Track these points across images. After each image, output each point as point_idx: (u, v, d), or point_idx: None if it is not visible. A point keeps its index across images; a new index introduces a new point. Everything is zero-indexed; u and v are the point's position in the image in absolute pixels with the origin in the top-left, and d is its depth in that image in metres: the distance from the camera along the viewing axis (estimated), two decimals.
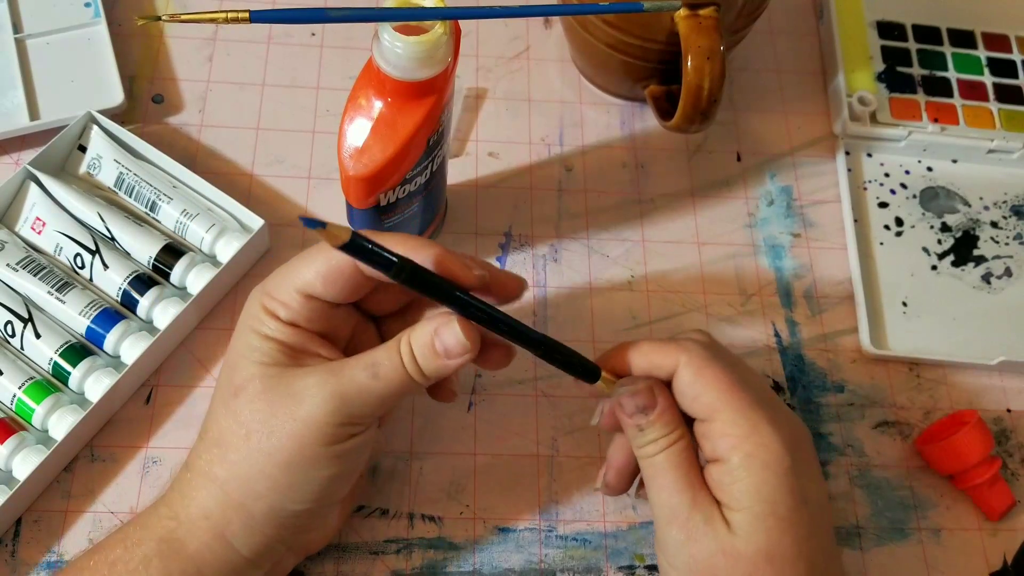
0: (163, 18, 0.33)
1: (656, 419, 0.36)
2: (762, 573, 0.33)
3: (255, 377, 0.34)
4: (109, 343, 0.43)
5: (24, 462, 0.40)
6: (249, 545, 0.35)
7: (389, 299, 0.38)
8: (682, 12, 0.44)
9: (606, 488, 0.39)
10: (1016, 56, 0.58)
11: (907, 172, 0.55)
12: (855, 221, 0.52)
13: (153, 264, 0.46)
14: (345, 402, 0.33)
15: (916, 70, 0.57)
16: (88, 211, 0.46)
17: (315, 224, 0.28)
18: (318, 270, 0.34)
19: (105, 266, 0.45)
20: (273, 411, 0.33)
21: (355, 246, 0.29)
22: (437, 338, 0.33)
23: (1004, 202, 0.54)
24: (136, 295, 0.44)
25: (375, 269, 0.31)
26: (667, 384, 0.37)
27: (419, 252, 0.33)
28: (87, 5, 0.53)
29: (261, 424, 0.34)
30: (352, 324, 0.38)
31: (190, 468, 0.35)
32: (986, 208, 0.54)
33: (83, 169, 0.48)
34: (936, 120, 0.55)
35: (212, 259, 0.47)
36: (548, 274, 0.49)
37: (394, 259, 0.30)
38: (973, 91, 0.56)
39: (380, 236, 0.33)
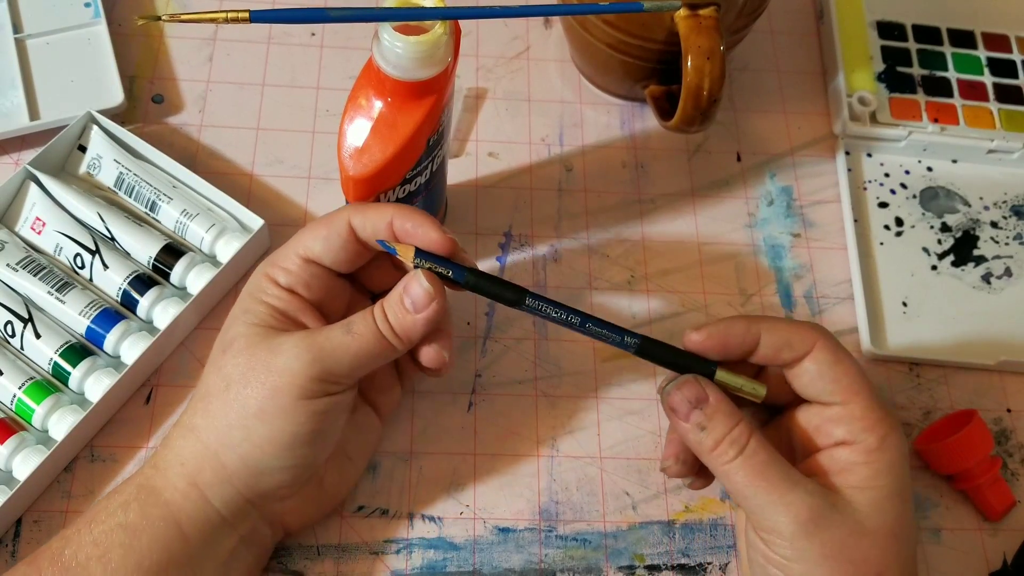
0: (163, 18, 0.33)
1: (714, 412, 0.35)
2: (890, 550, 0.34)
3: (242, 335, 0.36)
4: (109, 343, 0.43)
5: (24, 462, 0.40)
6: (221, 498, 0.35)
7: (384, 275, 0.40)
8: (682, 12, 0.44)
9: (671, 470, 0.39)
10: (1016, 56, 0.58)
11: (907, 172, 0.55)
12: (855, 221, 0.52)
13: (153, 264, 0.46)
14: (320, 356, 0.35)
15: (916, 70, 0.57)
16: (88, 211, 0.46)
17: (390, 248, 0.36)
18: (317, 234, 0.37)
19: (105, 266, 0.45)
20: (252, 364, 0.35)
21: (424, 256, 0.36)
22: (405, 294, 0.36)
23: (1004, 202, 0.54)
24: (136, 295, 0.44)
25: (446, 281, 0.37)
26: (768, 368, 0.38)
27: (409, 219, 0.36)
28: (87, 5, 0.53)
29: (240, 376, 0.35)
30: (347, 299, 0.40)
31: (176, 423, 0.37)
32: (986, 208, 0.54)
33: (83, 169, 0.48)
34: (936, 120, 0.55)
35: (212, 259, 0.47)
36: (548, 274, 0.49)
37: (459, 269, 0.36)
38: (973, 91, 0.56)
39: (372, 205, 0.37)
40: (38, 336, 0.43)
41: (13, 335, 0.43)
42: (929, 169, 0.55)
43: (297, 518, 0.39)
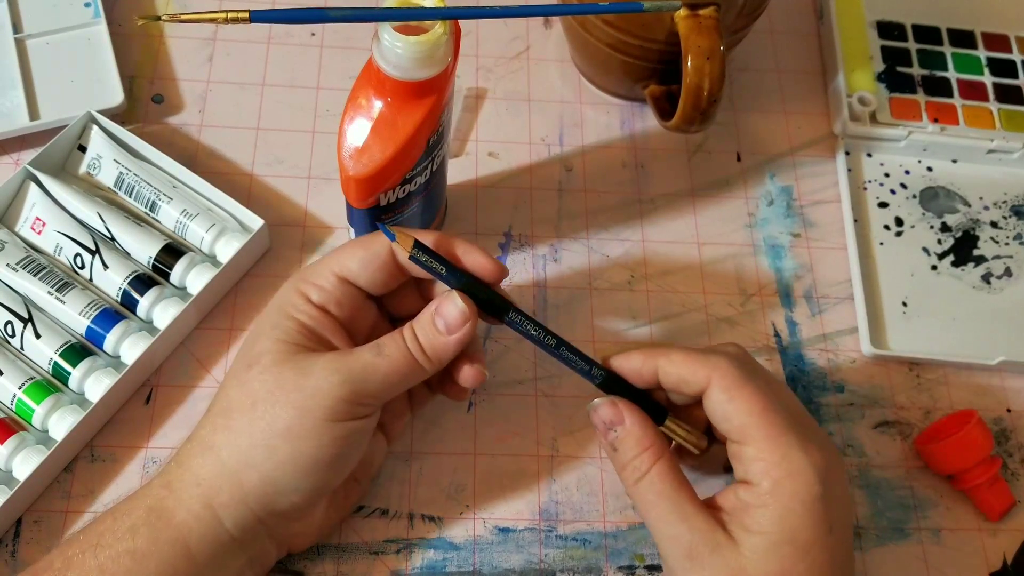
0: (163, 18, 0.33)
1: (626, 436, 0.36)
2: None
3: (269, 351, 0.36)
4: (109, 343, 0.43)
5: (24, 462, 0.40)
6: (235, 519, 0.35)
7: (409, 300, 0.40)
8: (682, 12, 0.44)
9: None
10: (1016, 56, 0.58)
11: (907, 172, 0.55)
12: (855, 221, 0.52)
13: (153, 264, 0.46)
14: (351, 377, 0.34)
15: (916, 70, 0.57)
16: (88, 211, 0.46)
17: (389, 233, 0.35)
18: (355, 254, 0.37)
19: (105, 266, 0.45)
20: (280, 382, 0.35)
21: (423, 249, 0.36)
22: (437, 315, 0.36)
23: (1004, 202, 0.54)
24: (136, 295, 0.44)
25: (437, 278, 0.36)
26: (698, 400, 0.37)
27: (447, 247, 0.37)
28: (87, 5, 0.53)
29: (268, 394, 0.35)
30: (371, 322, 0.39)
31: (192, 438, 0.36)
32: (986, 208, 0.54)
33: (83, 169, 0.48)
34: (936, 120, 0.55)
35: (212, 259, 0.47)
36: (548, 274, 0.49)
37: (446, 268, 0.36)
38: (973, 91, 0.56)
39: (418, 231, 0.37)
40: (38, 336, 0.43)
41: (13, 335, 0.43)
42: (929, 169, 0.55)
43: (301, 538, 0.39)
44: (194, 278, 0.45)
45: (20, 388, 0.42)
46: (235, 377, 0.36)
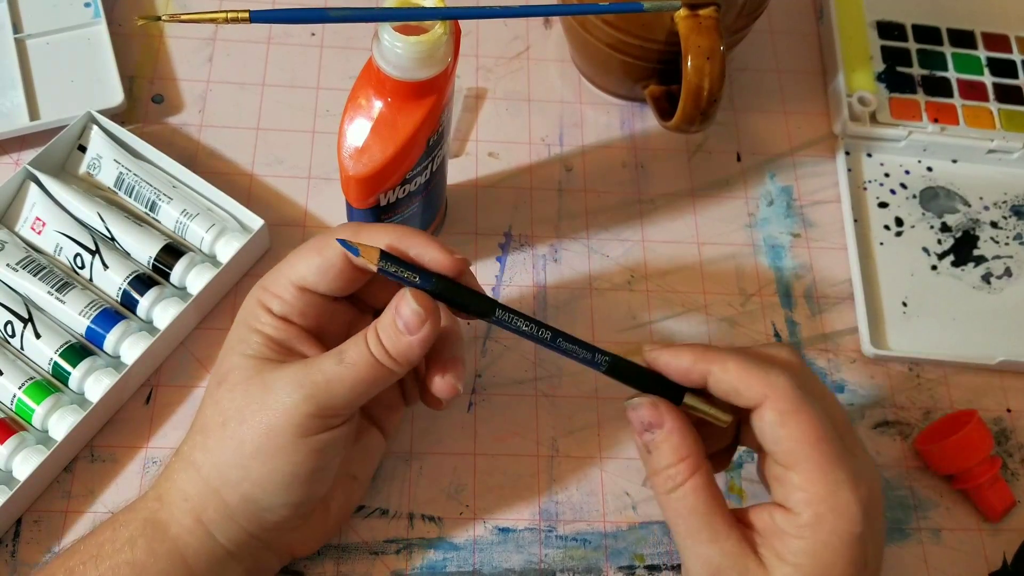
0: (163, 18, 0.33)
1: (663, 441, 0.34)
2: None
3: (237, 368, 0.35)
4: (109, 343, 0.43)
5: (24, 462, 0.40)
6: (226, 533, 0.35)
7: (386, 291, 0.38)
8: (682, 12, 0.44)
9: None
10: (1016, 56, 0.58)
11: (907, 172, 0.55)
12: (855, 221, 0.52)
13: (153, 264, 0.46)
14: (315, 391, 0.33)
15: (916, 70, 0.57)
16: (88, 211, 0.46)
17: (352, 248, 0.33)
18: (311, 262, 0.35)
19: (105, 266, 0.45)
20: (247, 400, 0.34)
21: (390, 259, 0.34)
22: (397, 316, 0.34)
23: (1004, 202, 0.54)
24: (136, 295, 0.44)
25: (405, 284, 0.34)
26: (742, 410, 0.35)
27: (402, 239, 0.35)
28: (87, 5, 0.53)
29: (236, 412, 0.34)
30: (347, 320, 0.38)
31: (177, 453, 0.36)
32: (986, 208, 0.54)
33: (83, 169, 0.48)
34: (936, 120, 0.55)
35: (212, 259, 0.47)
36: (548, 274, 0.49)
37: (418, 274, 0.34)
38: (973, 91, 0.56)
39: (369, 226, 0.36)
40: (38, 336, 0.43)
41: (13, 335, 0.43)
42: (929, 169, 0.55)
43: (303, 544, 0.39)
44: (194, 278, 0.45)
45: (20, 388, 0.42)
46: (209, 395, 0.36)
